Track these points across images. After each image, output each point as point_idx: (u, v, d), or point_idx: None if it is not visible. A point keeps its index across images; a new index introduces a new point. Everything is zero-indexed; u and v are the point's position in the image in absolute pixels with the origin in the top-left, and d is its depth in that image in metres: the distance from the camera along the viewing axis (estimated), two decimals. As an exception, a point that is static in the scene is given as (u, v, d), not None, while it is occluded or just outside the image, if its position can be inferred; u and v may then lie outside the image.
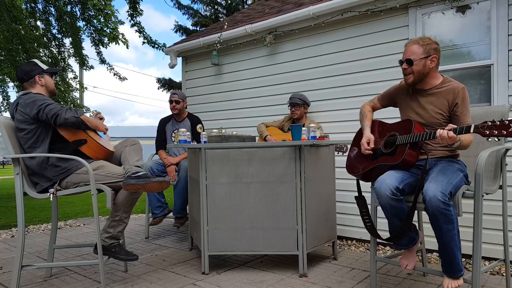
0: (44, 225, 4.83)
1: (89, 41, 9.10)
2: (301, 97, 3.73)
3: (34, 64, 2.59)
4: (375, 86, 3.50)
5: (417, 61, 2.17)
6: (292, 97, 3.75)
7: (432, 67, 2.19)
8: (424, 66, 2.18)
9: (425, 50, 2.17)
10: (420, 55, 2.17)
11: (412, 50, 2.19)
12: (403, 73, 2.25)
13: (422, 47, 2.17)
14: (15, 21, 6.43)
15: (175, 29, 13.40)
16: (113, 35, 5.62)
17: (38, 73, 2.55)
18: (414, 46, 2.19)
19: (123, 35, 5.74)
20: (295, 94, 3.77)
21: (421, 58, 2.16)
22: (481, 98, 3.11)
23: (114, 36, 5.63)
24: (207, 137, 2.97)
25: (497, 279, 2.64)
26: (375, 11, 3.49)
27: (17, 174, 2.36)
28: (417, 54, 2.17)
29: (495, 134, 1.79)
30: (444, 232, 1.93)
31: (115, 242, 2.56)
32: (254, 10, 5.31)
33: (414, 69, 2.19)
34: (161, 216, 3.81)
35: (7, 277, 2.79)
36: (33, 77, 2.54)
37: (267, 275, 2.78)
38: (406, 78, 2.25)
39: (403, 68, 2.24)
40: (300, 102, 3.70)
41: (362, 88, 3.60)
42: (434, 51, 2.18)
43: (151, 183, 2.37)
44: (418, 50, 2.17)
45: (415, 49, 2.18)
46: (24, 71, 2.54)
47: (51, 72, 2.64)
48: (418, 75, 2.20)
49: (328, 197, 3.07)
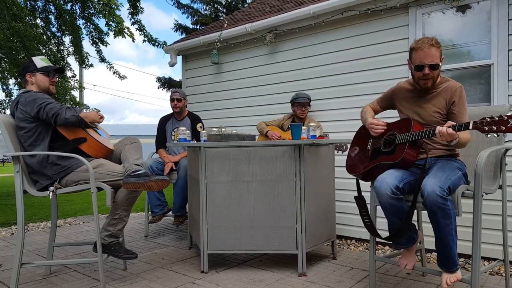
0: (44, 223, 4.83)
1: (88, 39, 9.10)
2: (307, 96, 3.74)
3: (29, 61, 2.58)
4: (376, 85, 3.50)
5: (439, 65, 2.11)
6: (300, 96, 3.71)
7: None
8: (440, 69, 2.16)
9: (440, 52, 2.13)
10: (438, 59, 2.11)
11: (432, 54, 2.08)
12: (423, 77, 2.14)
13: (439, 49, 2.11)
14: (15, 19, 6.42)
15: (175, 28, 13.39)
16: (118, 28, 5.63)
17: (30, 71, 2.54)
18: (433, 49, 2.08)
19: (128, 28, 5.74)
20: (301, 94, 3.75)
21: (440, 62, 2.13)
22: (481, 97, 3.11)
23: (120, 29, 5.63)
24: (207, 135, 2.97)
25: (496, 279, 2.65)
26: (376, 10, 3.49)
27: (17, 172, 2.36)
28: (437, 57, 2.10)
29: (494, 130, 1.79)
30: (442, 227, 1.94)
31: (114, 240, 2.57)
32: (255, 9, 5.30)
33: (435, 74, 2.14)
34: (160, 215, 3.82)
35: (7, 275, 2.79)
36: (24, 75, 2.55)
37: (266, 274, 2.78)
38: (425, 82, 2.16)
39: (425, 73, 2.11)
40: (309, 101, 3.71)
41: (362, 87, 3.60)
42: (441, 52, 2.17)
43: (150, 181, 2.37)
44: (437, 53, 2.10)
45: (435, 52, 2.09)
46: (21, 68, 2.58)
47: (45, 71, 2.57)
48: (437, 78, 2.18)
49: (327, 196, 3.07)
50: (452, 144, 2.02)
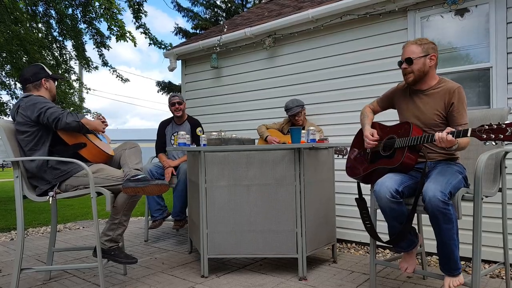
0: (44, 228, 4.82)
1: (91, 43, 9.14)
2: (298, 103, 3.69)
3: (41, 68, 2.62)
4: (375, 89, 3.50)
5: (416, 59, 2.18)
6: (291, 107, 3.66)
7: (431, 65, 2.20)
8: (424, 65, 2.19)
9: (424, 49, 2.19)
10: (419, 54, 2.19)
11: (410, 49, 2.21)
12: (403, 73, 2.26)
13: (420, 46, 2.19)
14: (15, 23, 6.44)
15: (175, 31, 13.44)
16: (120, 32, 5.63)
17: (45, 76, 2.59)
18: (412, 46, 2.22)
19: (130, 33, 5.74)
20: (290, 104, 3.69)
21: (420, 56, 2.18)
22: (480, 101, 3.11)
23: (122, 33, 5.63)
24: (207, 140, 2.97)
25: (497, 282, 2.64)
26: (374, 14, 3.50)
27: (17, 177, 2.36)
28: (416, 53, 2.19)
29: (492, 138, 1.79)
30: (443, 232, 1.94)
31: (114, 245, 2.56)
32: (254, 13, 5.32)
33: (414, 68, 2.20)
34: (160, 219, 3.81)
35: (6, 280, 2.78)
36: (40, 80, 2.56)
37: (267, 278, 2.77)
38: (407, 77, 2.25)
39: (402, 68, 2.25)
40: (300, 108, 3.68)
41: (361, 90, 3.61)
42: (433, 50, 2.20)
43: (150, 186, 2.37)
44: (416, 49, 2.20)
45: (414, 48, 2.20)
46: (32, 72, 2.57)
47: (54, 78, 2.68)
48: (418, 73, 2.21)
49: (327, 200, 3.06)
50: (452, 150, 2.02)
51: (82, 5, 7.49)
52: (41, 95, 2.54)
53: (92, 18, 7.65)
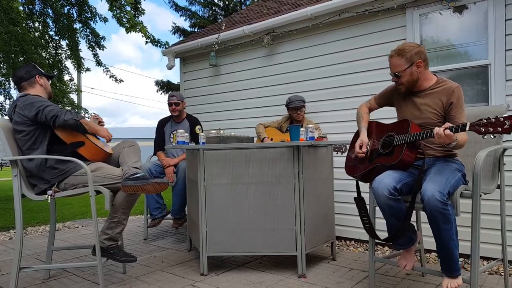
0: (42, 227, 4.82)
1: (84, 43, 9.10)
2: (301, 98, 3.72)
3: (33, 66, 2.63)
4: (373, 86, 3.50)
5: (402, 72, 2.20)
6: (293, 100, 3.69)
7: (420, 71, 2.20)
8: (411, 74, 2.20)
9: (407, 59, 2.18)
10: (403, 66, 2.19)
11: (394, 63, 2.23)
12: (395, 84, 2.30)
13: (403, 57, 2.18)
14: (13, 23, 6.42)
15: (173, 30, 13.41)
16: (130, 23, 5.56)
17: (38, 73, 2.58)
18: (395, 59, 2.22)
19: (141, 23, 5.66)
20: (294, 97, 3.72)
21: (405, 68, 2.19)
22: (478, 98, 3.11)
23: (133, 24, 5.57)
24: (206, 138, 2.96)
25: (495, 279, 2.65)
26: (373, 11, 3.50)
27: (15, 176, 2.36)
28: (400, 65, 2.20)
29: (490, 132, 1.80)
30: (442, 232, 1.94)
31: (113, 243, 2.56)
32: (252, 11, 5.31)
33: (403, 81, 2.23)
34: (159, 218, 3.81)
35: (5, 279, 2.78)
36: (34, 76, 2.56)
37: (266, 276, 2.78)
38: (399, 88, 2.29)
39: (393, 81, 2.28)
40: (303, 103, 3.69)
41: (360, 88, 3.61)
42: (417, 56, 2.18)
43: (149, 184, 2.37)
44: (400, 61, 2.20)
45: (397, 61, 2.21)
46: (24, 70, 2.57)
47: (47, 76, 2.67)
48: (408, 83, 2.24)
49: (326, 197, 3.07)
50: (451, 147, 2.02)
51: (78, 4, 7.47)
52: (38, 93, 2.53)
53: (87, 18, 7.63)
